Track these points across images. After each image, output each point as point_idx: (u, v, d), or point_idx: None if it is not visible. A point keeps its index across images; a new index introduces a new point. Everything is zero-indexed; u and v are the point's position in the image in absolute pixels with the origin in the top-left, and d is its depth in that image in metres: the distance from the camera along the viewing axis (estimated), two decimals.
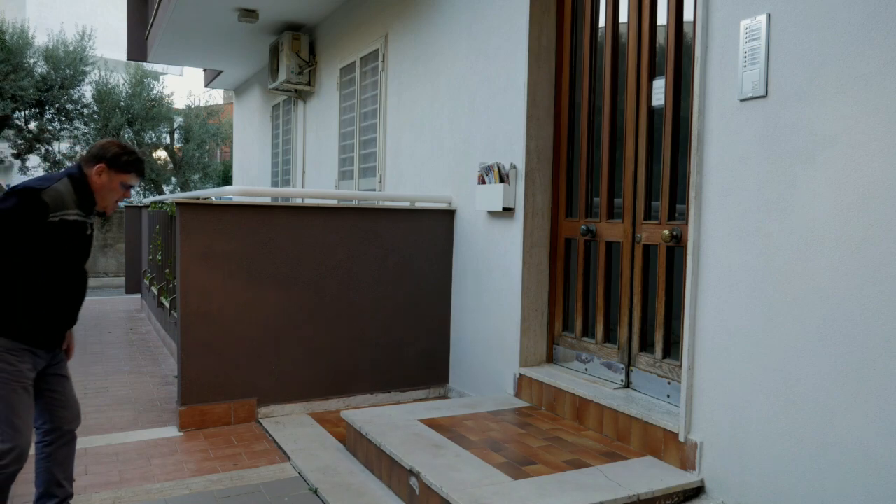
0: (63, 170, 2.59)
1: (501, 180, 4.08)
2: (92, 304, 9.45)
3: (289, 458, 3.54)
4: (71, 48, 14.93)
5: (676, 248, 3.27)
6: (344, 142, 6.72)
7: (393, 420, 3.55)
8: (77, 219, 2.51)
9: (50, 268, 2.46)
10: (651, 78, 3.40)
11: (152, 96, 16.81)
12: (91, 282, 12.91)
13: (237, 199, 5.63)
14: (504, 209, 4.06)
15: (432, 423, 3.50)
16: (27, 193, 2.37)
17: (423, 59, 5.15)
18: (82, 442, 3.74)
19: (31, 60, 14.22)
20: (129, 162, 2.60)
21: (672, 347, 3.32)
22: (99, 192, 2.58)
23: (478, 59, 4.45)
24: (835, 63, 2.36)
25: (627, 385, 3.54)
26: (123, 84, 16.63)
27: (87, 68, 15.09)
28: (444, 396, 4.79)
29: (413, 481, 2.93)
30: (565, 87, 3.99)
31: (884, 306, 2.21)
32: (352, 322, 4.45)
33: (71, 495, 2.72)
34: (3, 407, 2.38)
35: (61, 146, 16.15)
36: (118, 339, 6.81)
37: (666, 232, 3.23)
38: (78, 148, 16.05)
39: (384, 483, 3.20)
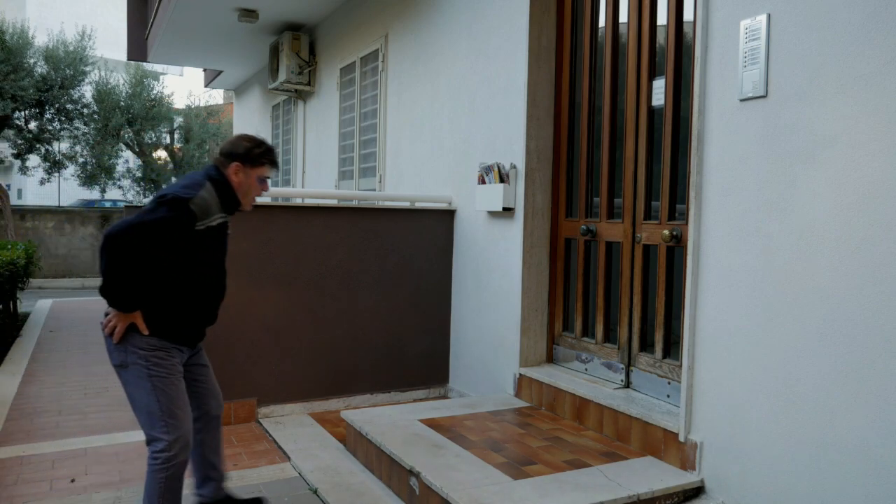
0: (202, 171, 2.59)
1: (501, 180, 4.08)
2: (92, 304, 9.45)
3: (289, 458, 3.53)
4: (71, 48, 14.92)
5: (676, 248, 3.27)
6: (344, 142, 6.72)
7: (393, 420, 3.55)
8: (220, 222, 2.57)
9: (194, 272, 2.52)
10: (651, 78, 3.40)
11: (152, 96, 16.82)
12: (91, 282, 12.80)
13: None
14: (504, 209, 4.06)
15: (432, 423, 3.50)
16: (176, 204, 2.40)
17: (423, 59, 5.15)
18: (82, 442, 3.75)
19: (31, 60, 14.22)
20: (261, 154, 2.60)
21: (672, 347, 3.32)
22: (239, 190, 2.60)
23: (478, 59, 4.45)
24: (835, 63, 2.36)
25: (627, 385, 3.54)
26: (123, 84, 16.63)
27: (87, 68, 15.08)
28: (444, 396, 4.79)
29: (413, 481, 2.93)
30: (565, 87, 3.99)
31: (884, 306, 2.21)
32: (352, 322, 4.45)
33: (225, 477, 2.85)
34: (164, 399, 2.45)
35: (61, 146, 16.14)
36: None
37: (666, 232, 3.23)
38: (78, 148, 16.05)
39: (384, 483, 3.20)
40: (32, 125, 14.89)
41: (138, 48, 9.64)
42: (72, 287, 13.77)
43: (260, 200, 2.84)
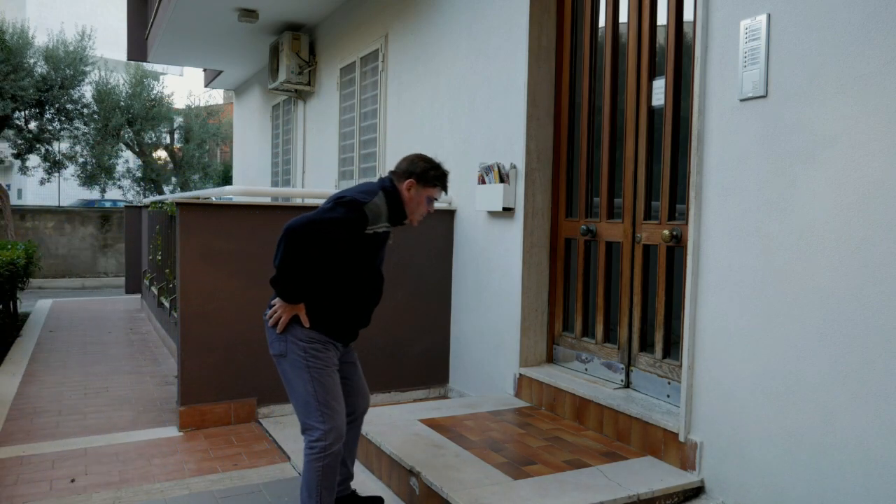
0: (377, 182, 2.71)
1: (501, 180, 4.08)
2: (92, 304, 9.45)
3: (289, 458, 3.54)
4: (71, 48, 14.91)
5: (676, 248, 3.27)
6: (344, 142, 6.72)
7: (393, 420, 3.55)
8: (385, 230, 2.67)
9: (356, 273, 2.64)
10: (651, 78, 3.40)
11: (152, 96, 16.81)
12: (91, 282, 12.83)
13: (237, 199, 5.64)
14: (504, 209, 4.06)
15: (432, 423, 3.50)
16: (353, 206, 2.53)
17: (423, 59, 5.15)
18: (82, 442, 3.75)
19: (31, 60, 14.21)
20: (435, 177, 2.74)
21: (672, 347, 3.32)
22: (408, 205, 2.71)
23: (478, 59, 4.45)
24: (835, 63, 2.36)
25: (627, 385, 3.54)
26: (123, 84, 16.63)
27: (87, 68, 15.08)
28: (444, 396, 4.79)
29: (413, 481, 2.93)
30: (565, 87, 3.99)
31: (884, 306, 2.21)
32: None
33: (351, 476, 2.94)
34: (321, 390, 2.57)
35: (61, 146, 16.14)
36: (118, 339, 6.82)
37: (666, 232, 3.23)
38: (78, 148, 16.05)
39: (384, 483, 3.20)
40: (32, 125, 14.88)
41: (138, 48, 9.64)
42: (72, 287, 13.78)
43: (260, 200, 2.87)
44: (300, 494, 2.62)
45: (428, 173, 2.71)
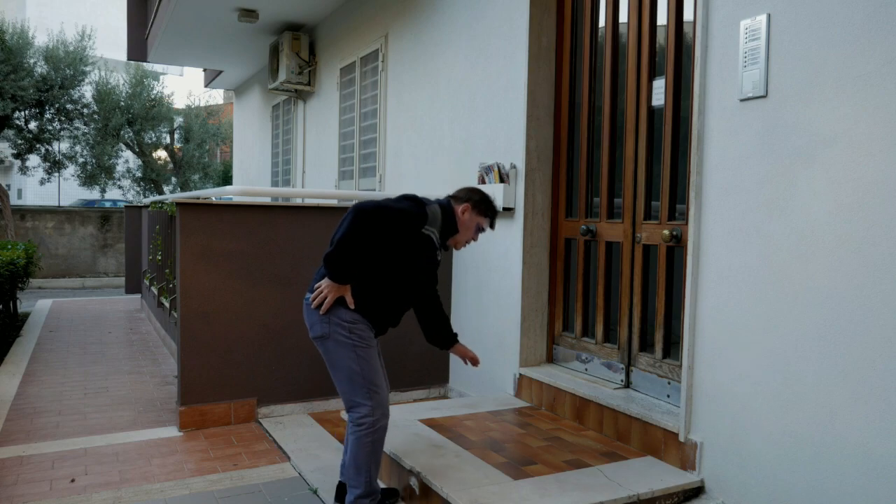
0: (435, 200, 2.86)
1: (501, 180, 4.08)
2: (92, 304, 9.45)
3: (289, 458, 3.54)
4: (71, 48, 14.91)
5: (676, 248, 3.27)
6: (344, 142, 6.72)
7: (393, 420, 3.54)
8: (437, 241, 2.80)
9: (401, 271, 2.75)
10: (651, 78, 3.40)
11: (152, 96, 16.80)
12: (91, 282, 12.84)
13: (237, 199, 5.64)
14: (504, 209, 4.06)
15: (432, 423, 3.50)
16: (417, 202, 2.72)
17: (423, 59, 5.15)
18: (82, 442, 3.75)
19: (31, 60, 14.21)
20: (489, 209, 2.90)
21: (672, 347, 3.32)
22: (460, 225, 2.86)
23: (478, 59, 4.45)
24: (835, 63, 2.36)
25: (627, 385, 3.54)
26: (123, 84, 16.62)
27: (87, 68, 15.07)
28: (444, 396, 4.79)
29: (413, 481, 2.93)
30: (565, 87, 3.99)
31: (884, 306, 2.21)
32: None
33: None
34: (366, 367, 2.69)
35: (61, 146, 16.14)
36: (118, 339, 6.82)
37: (666, 232, 3.23)
38: (78, 148, 16.05)
39: (384, 483, 3.20)
40: (32, 125, 14.88)
41: (138, 48, 9.64)
42: (72, 287, 13.78)
43: (260, 200, 2.87)
44: (347, 472, 2.73)
45: (484, 202, 2.89)
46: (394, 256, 2.70)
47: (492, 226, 2.94)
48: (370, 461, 2.69)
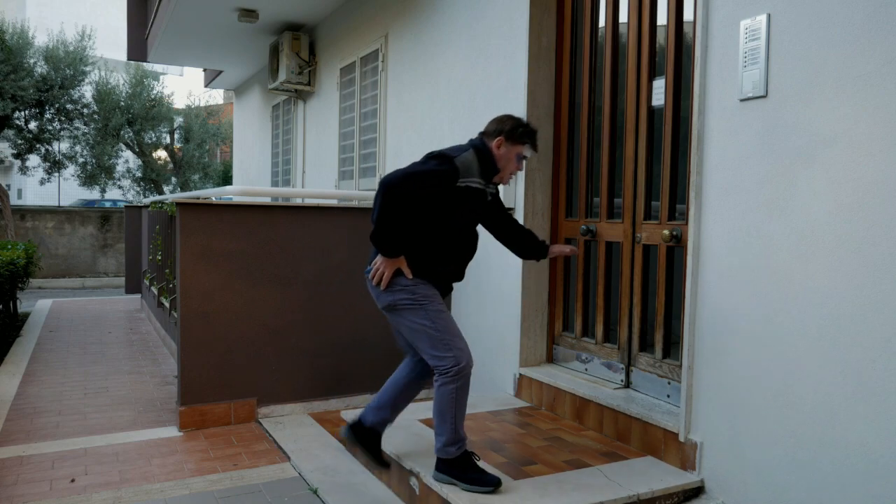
0: (468, 142, 2.82)
1: None
2: (92, 304, 9.45)
3: (289, 458, 3.54)
4: (71, 48, 14.92)
5: (676, 248, 3.27)
6: (344, 142, 6.72)
7: None
8: (478, 187, 2.75)
9: (451, 227, 2.74)
10: (651, 78, 3.40)
11: (152, 96, 16.81)
12: (91, 282, 12.82)
13: (237, 199, 5.64)
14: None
15: (432, 424, 3.49)
16: (444, 158, 2.67)
17: (423, 60, 5.15)
18: (82, 442, 3.75)
19: (31, 60, 14.21)
20: (524, 133, 2.80)
21: (672, 347, 3.32)
22: (499, 162, 2.80)
23: (478, 59, 4.45)
24: (835, 63, 2.36)
25: (627, 385, 3.54)
26: (123, 84, 16.62)
27: (87, 68, 15.08)
28: None
29: (413, 481, 2.93)
30: (565, 87, 3.99)
31: (884, 306, 2.21)
32: (352, 322, 4.45)
33: (391, 421, 3.03)
34: (440, 321, 2.70)
35: (61, 146, 16.14)
36: (118, 339, 6.82)
37: (666, 232, 3.23)
38: (78, 148, 16.05)
39: (384, 483, 3.20)
40: (32, 125, 14.88)
41: (138, 48, 9.64)
42: (72, 287, 13.78)
43: (260, 200, 2.88)
44: (434, 423, 2.73)
45: (517, 130, 2.79)
46: (437, 216, 2.69)
47: (534, 149, 2.88)
48: (454, 408, 2.68)
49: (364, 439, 2.98)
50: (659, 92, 3.34)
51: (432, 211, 2.68)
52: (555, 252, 3.13)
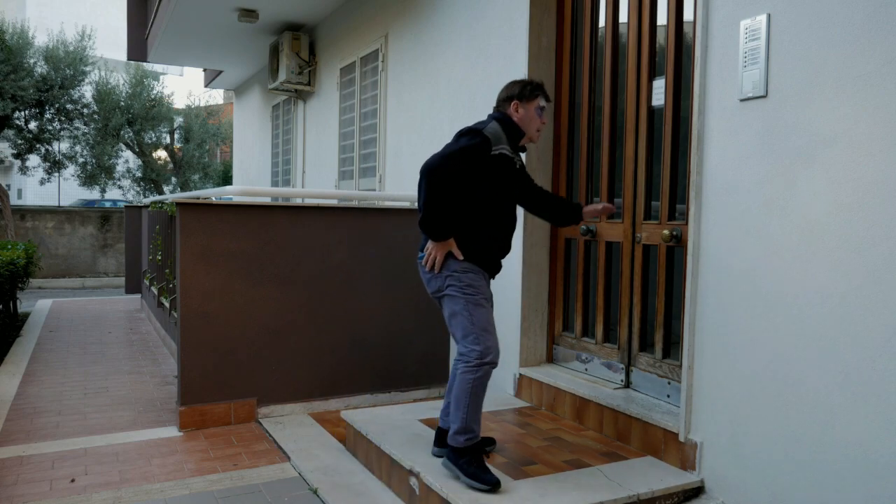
0: (487, 117, 2.93)
1: None
2: (92, 304, 9.45)
3: (289, 458, 3.54)
4: (71, 48, 14.92)
5: (676, 248, 3.27)
6: (344, 142, 6.72)
7: (393, 420, 3.55)
8: (508, 154, 2.85)
9: (493, 200, 2.83)
10: (651, 78, 3.40)
11: (152, 96, 16.81)
12: (91, 282, 12.83)
13: (237, 199, 5.64)
14: None
15: (432, 423, 3.49)
16: (473, 133, 2.78)
17: (423, 60, 5.15)
18: (82, 442, 3.75)
19: (31, 60, 14.21)
20: (533, 89, 2.92)
21: (672, 347, 3.32)
22: (522, 124, 2.92)
23: (478, 59, 4.45)
24: (835, 63, 2.36)
25: (627, 385, 3.54)
26: (123, 84, 16.62)
27: (87, 68, 15.07)
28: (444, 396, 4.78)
29: (413, 481, 2.94)
30: (565, 87, 3.99)
31: (884, 306, 2.21)
32: (352, 322, 4.45)
33: None
34: (476, 315, 2.78)
35: (61, 146, 16.14)
36: (118, 339, 6.82)
37: (666, 232, 3.23)
38: (78, 148, 16.05)
39: (384, 483, 3.20)
40: (32, 125, 14.88)
41: (138, 48, 9.65)
42: (72, 287, 13.78)
43: (260, 200, 2.88)
44: (451, 409, 2.82)
45: (525, 89, 2.91)
46: (479, 191, 2.78)
47: (547, 98, 2.96)
48: (469, 400, 2.75)
49: None
50: (659, 92, 3.34)
51: (474, 186, 2.77)
52: (589, 212, 3.12)
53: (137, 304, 9.31)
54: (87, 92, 15.61)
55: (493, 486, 2.65)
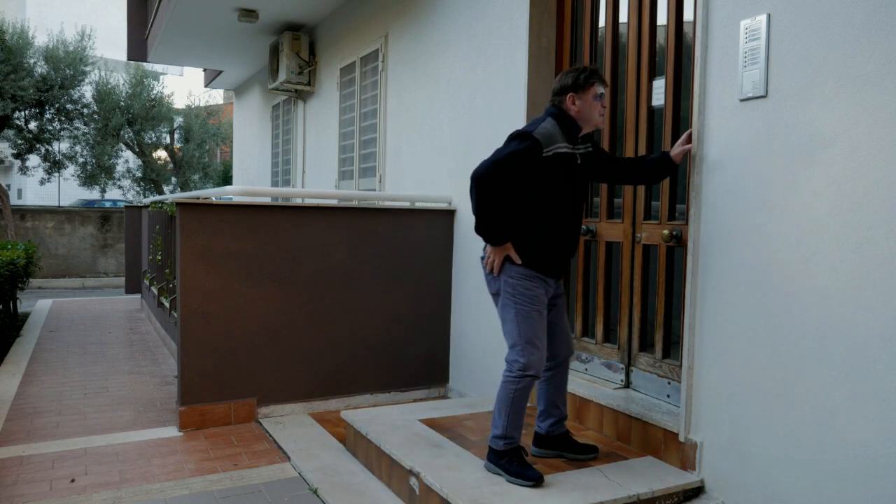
0: (544, 112, 2.87)
1: None
2: (92, 304, 9.45)
3: (289, 458, 3.54)
4: (71, 48, 14.91)
5: (676, 248, 3.27)
6: (344, 142, 6.72)
7: (393, 420, 3.55)
8: (567, 151, 2.79)
9: (550, 201, 2.78)
10: (651, 78, 3.40)
11: (152, 96, 16.80)
12: (91, 282, 12.82)
13: (237, 199, 5.64)
14: None
15: (432, 423, 3.50)
16: (523, 136, 2.74)
17: (423, 60, 5.15)
18: (82, 442, 3.75)
19: (31, 60, 14.21)
20: (587, 77, 2.82)
21: (672, 347, 3.32)
22: (581, 115, 2.83)
23: (478, 59, 4.45)
24: (835, 63, 2.36)
25: (627, 385, 3.54)
26: (123, 84, 16.62)
27: (87, 68, 15.07)
28: (444, 396, 4.79)
29: (413, 481, 2.94)
30: None
31: (884, 306, 2.21)
32: (352, 322, 4.45)
33: (565, 416, 3.07)
34: (524, 326, 2.77)
35: (61, 146, 16.14)
36: (118, 339, 6.82)
37: (666, 232, 3.23)
38: (78, 148, 16.05)
39: (384, 483, 3.20)
40: (32, 125, 14.88)
41: (138, 48, 9.64)
42: (72, 287, 13.78)
43: (260, 200, 2.88)
44: (494, 414, 2.84)
45: (579, 79, 2.82)
46: (534, 193, 2.75)
47: (604, 84, 2.86)
48: (510, 409, 2.77)
49: (557, 446, 3.03)
50: (659, 92, 3.34)
51: (528, 189, 2.74)
52: (677, 154, 2.93)
53: (137, 304, 9.31)
54: (87, 92, 15.61)
55: (536, 481, 2.70)
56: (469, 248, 4.57)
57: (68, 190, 25.97)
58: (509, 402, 2.78)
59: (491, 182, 2.69)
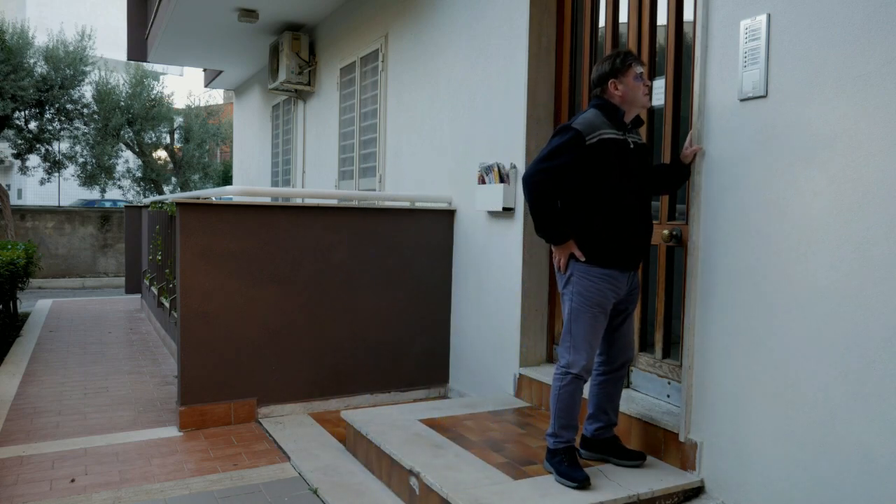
0: (590, 103, 2.87)
1: (501, 180, 4.08)
2: (92, 304, 9.46)
3: (289, 458, 3.54)
4: (71, 48, 14.91)
5: (676, 248, 3.27)
6: (344, 142, 6.72)
7: (393, 420, 3.55)
8: (614, 136, 2.75)
9: (608, 188, 2.74)
10: (651, 78, 3.40)
11: (152, 96, 16.80)
12: (91, 282, 12.82)
13: (237, 199, 5.64)
14: (504, 209, 4.06)
15: (432, 423, 3.50)
16: (563, 129, 2.75)
17: (423, 60, 5.15)
18: (82, 442, 3.75)
19: (31, 60, 14.20)
20: (623, 61, 2.79)
21: (672, 347, 3.32)
22: (626, 100, 2.79)
23: (478, 59, 4.45)
24: (835, 63, 2.36)
25: (627, 385, 3.54)
26: (123, 84, 16.62)
27: (87, 68, 15.07)
28: (444, 396, 4.79)
29: (413, 481, 2.94)
30: (565, 87, 3.99)
31: (884, 306, 2.21)
32: (352, 322, 4.45)
33: (614, 423, 3.02)
34: (577, 327, 2.78)
35: (61, 146, 16.13)
36: (118, 339, 6.82)
37: (666, 232, 3.23)
38: (78, 148, 16.05)
39: (384, 483, 3.20)
40: (32, 125, 14.88)
41: (138, 48, 9.64)
42: (72, 287, 13.78)
43: (260, 200, 2.88)
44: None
45: (616, 62, 2.79)
46: (584, 186, 2.74)
47: (641, 63, 2.82)
48: (556, 406, 2.81)
49: (604, 450, 2.99)
50: (659, 92, 3.34)
51: (581, 181, 2.73)
52: (687, 155, 2.89)
53: (137, 304, 9.31)
54: (87, 92, 15.60)
55: (581, 482, 2.70)
56: (469, 248, 4.57)
57: (68, 190, 25.97)
58: (556, 400, 2.82)
59: (538, 180, 2.71)
